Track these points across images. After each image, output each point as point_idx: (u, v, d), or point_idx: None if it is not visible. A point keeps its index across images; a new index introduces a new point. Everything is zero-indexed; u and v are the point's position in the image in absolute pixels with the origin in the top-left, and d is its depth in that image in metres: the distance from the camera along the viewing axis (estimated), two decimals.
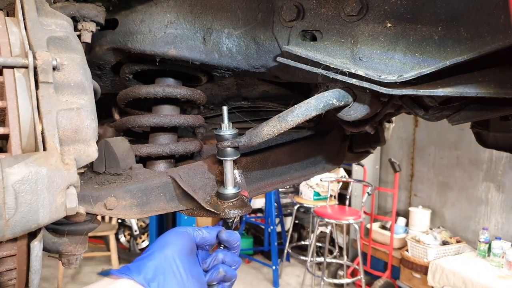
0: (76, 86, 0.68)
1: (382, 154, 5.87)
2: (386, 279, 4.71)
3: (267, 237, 6.11)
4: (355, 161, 3.19)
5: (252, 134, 0.85)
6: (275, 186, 1.27)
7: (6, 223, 0.54)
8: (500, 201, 4.37)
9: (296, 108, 0.82)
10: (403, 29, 0.77)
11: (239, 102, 1.37)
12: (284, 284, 5.46)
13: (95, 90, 0.76)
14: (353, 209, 5.19)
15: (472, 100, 0.97)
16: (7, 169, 0.54)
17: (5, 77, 0.61)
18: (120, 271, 0.76)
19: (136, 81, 1.14)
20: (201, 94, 1.10)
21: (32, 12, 0.69)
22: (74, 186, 0.61)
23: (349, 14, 0.81)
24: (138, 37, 0.98)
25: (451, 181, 4.89)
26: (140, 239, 6.15)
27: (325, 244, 5.00)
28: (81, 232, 0.92)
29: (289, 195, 6.52)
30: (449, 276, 3.94)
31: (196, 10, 0.99)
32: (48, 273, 5.27)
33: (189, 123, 1.08)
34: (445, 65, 0.70)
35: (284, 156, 1.32)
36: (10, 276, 0.65)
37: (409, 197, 5.46)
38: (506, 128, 1.38)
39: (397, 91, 0.77)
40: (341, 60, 0.84)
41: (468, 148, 4.64)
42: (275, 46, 0.96)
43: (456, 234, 4.72)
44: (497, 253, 3.97)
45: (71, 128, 0.65)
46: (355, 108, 0.89)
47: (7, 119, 0.61)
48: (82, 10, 0.88)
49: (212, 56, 1.01)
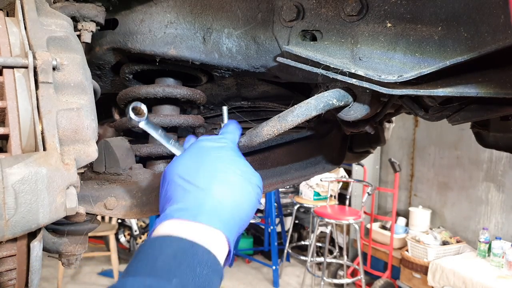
0: (76, 86, 0.68)
1: (382, 154, 5.87)
2: (386, 279, 4.71)
3: (267, 237, 6.11)
4: (355, 161, 3.20)
5: (252, 134, 0.85)
6: (275, 186, 1.27)
7: (6, 223, 0.54)
8: (500, 201, 4.37)
9: (296, 108, 0.82)
10: (403, 29, 0.77)
11: (239, 102, 1.37)
12: (284, 284, 5.46)
13: (95, 90, 0.76)
14: (353, 209, 5.19)
15: (472, 100, 0.97)
16: (7, 169, 0.54)
17: (5, 77, 0.61)
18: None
19: (136, 81, 1.14)
20: (201, 94, 1.10)
21: (32, 12, 0.69)
22: (74, 186, 0.61)
23: (349, 14, 0.81)
24: (138, 37, 0.98)
25: (451, 181, 4.89)
26: (140, 239, 6.14)
27: (325, 244, 5.00)
28: (81, 232, 0.92)
29: (289, 195, 6.52)
30: (449, 276, 3.94)
31: (196, 10, 0.99)
32: (48, 273, 5.27)
33: (189, 123, 1.08)
34: (445, 65, 0.70)
35: (284, 156, 1.32)
36: (10, 276, 0.65)
37: (409, 197, 5.46)
38: (506, 128, 1.38)
39: (397, 91, 0.77)
40: (341, 60, 0.84)
41: (468, 148, 4.64)
42: (275, 46, 0.96)
43: (456, 234, 4.72)
44: (497, 253, 3.97)
45: (71, 128, 0.65)
46: (355, 108, 0.89)
47: (7, 119, 0.61)
48: (82, 10, 0.88)
49: (212, 56, 1.01)
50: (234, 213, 0.65)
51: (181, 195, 0.65)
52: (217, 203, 0.64)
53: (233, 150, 0.73)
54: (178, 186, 0.67)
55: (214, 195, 0.64)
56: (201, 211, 0.62)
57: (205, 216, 0.62)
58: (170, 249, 0.56)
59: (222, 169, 0.68)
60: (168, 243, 0.58)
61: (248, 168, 0.71)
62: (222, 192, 0.65)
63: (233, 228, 0.65)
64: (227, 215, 0.64)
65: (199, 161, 0.69)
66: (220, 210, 0.64)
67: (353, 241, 5.47)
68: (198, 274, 0.55)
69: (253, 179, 0.70)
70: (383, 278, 4.74)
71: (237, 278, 5.63)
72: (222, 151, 0.71)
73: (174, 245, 0.57)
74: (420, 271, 4.38)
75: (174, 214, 0.62)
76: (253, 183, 0.70)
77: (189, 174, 0.67)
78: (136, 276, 0.53)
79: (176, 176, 0.68)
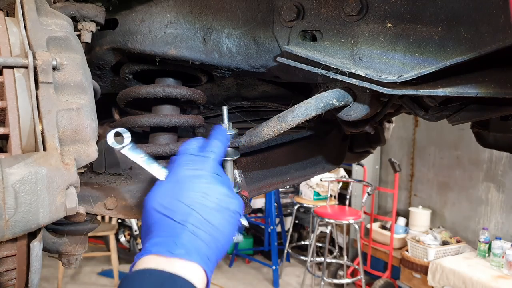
0: (76, 86, 0.68)
1: (382, 154, 5.87)
2: (386, 279, 4.71)
3: (267, 237, 6.11)
4: (355, 161, 3.20)
5: (252, 134, 0.85)
6: (275, 186, 1.27)
7: (6, 223, 0.54)
8: (500, 201, 4.37)
9: (296, 108, 0.82)
10: (403, 29, 0.77)
11: (239, 102, 1.37)
12: (284, 284, 5.46)
13: (95, 90, 0.76)
14: (353, 209, 5.19)
15: (472, 100, 0.97)
16: (7, 169, 0.54)
17: (5, 77, 0.61)
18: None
19: (136, 81, 1.14)
20: (201, 94, 1.10)
21: (32, 12, 0.69)
22: (74, 186, 0.61)
23: (349, 14, 0.81)
24: (138, 37, 0.98)
25: (451, 181, 4.89)
26: (140, 239, 6.14)
27: (325, 244, 5.00)
28: (81, 232, 0.92)
29: (289, 195, 6.52)
30: (449, 276, 3.94)
31: (196, 10, 0.99)
32: (48, 273, 5.27)
33: (189, 123, 1.08)
34: (445, 65, 0.70)
35: (284, 156, 1.32)
36: (10, 276, 0.65)
37: (409, 197, 5.46)
38: (506, 128, 1.38)
39: (397, 91, 0.77)
40: (341, 60, 0.84)
41: (468, 148, 4.64)
42: (275, 46, 0.96)
43: (456, 234, 4.72)
44: (497, 253, 3.97)
45: (71, 128, 0.65)
46: (355, 108, 0.89)
47: (7, 119, 0.61)
48: (82, 10, 0.88)
49: (212, 56, 1.01)
50: (211, 244, 0.67)
51: (158, 229, 0.67)
52: (194, 237, 0.66)
53: (211, 177, 0.73)
54: (156, 219, 0.68)
55: (190, 228, 0.66)
56: (178, 245, 0.64)
57: (182, 250, 0.63)
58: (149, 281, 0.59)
59: (199, 200, 0.69)
60: (147, 276, 0.60)
61: (226, 195, 0.72)
62: (199, 225, 0.67)
63: (211, 257, 0.67)
64: (204, 247, 0.66)
65: (176, 192, 0.70)
66: (197, 242, 0.65)
67: (353, 241, 5.47)
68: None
69: (231, 206, 0.71)
70: (383, 278, 4.74)
71: (237, 278, 5.63)
72: (200, 178, 0.71)
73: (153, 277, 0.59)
74: (420, 271, 4.38)
75: (152, 249, 0.64)
76: (231, 210, 0.71)
77: (166, 207, 0.68)
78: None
79: (153, 208, 0.69)
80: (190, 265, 0.63)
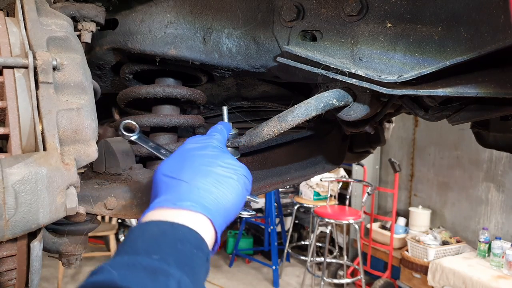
0: (76, 86, 0.68)
1: (382, 154, 5.87)
2: (386, 279, 4.71)
3: (267, 237, 6.11)
4: (355, 161, 3.20)
5: (252, 134, 0.85)
6: (275, 186, 1.27)
7: (6, 223, 0.54)
8: (500, 201, 4.37)
9: (296, 108, 0.82)
10: (403, 29, 0.77)
11: (239, 102, 1.37)
12: (284, 284, 5.46)
13: (95, 90, 0.76)
14: (353, 209, 5.19)
15: (472, 100, 0.97)
16: (7, 169, 0.54)
17: (5, 77, 0.61)
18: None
19: (136, 81, 1.14)
20: (201, 94, 1.10)
21: (32, 12, 0.69)
22: (74, 186, 0.61)
23: (349, 14, 0.81)
24: (138, 37, 0.98)
25: (451, 181, 4.89)
26: None
27: (325, 244, 5.00)
28: (81, 232, 0.92)
29: (289, 195, 6.52)
30: (449, 276, 3.94)
31: (196, 10, 0.99)
32: (48, 273, 5.27)
33: (189, 123, 1.08)
34: (445, 65, 0.70)
35: (284, 156, 1.32)
36: (10, 276, 0.65)
37: (409, 197, 5.46)
38: (506, 128, 1.38)
39: (397, 91, 0.77)
40: (341, 60, 0.84)
41: (468, 148, 4.64)
42: (275, 46, 0.96)
43: (456, 234, 4.72)
44: (497, 253, 3.97)
45: (71, 128, 0.65)
46: (355, 108, 0.89)
47: (7, 119, 0.61)
48: (82, 10, 0.88)
49: (212, 56, 1.01)
50: (219, 201, 0.65)
51: (164, 189, 0.67)
52: (201, 191, 0.65)
53: (216, 147, 0.74)
54: (163, 182, 0.68)
55: (197, 185, 0.65)
56: (183, 198, 0.63)
57: (187, 202, 0.62)
58: (151, 230, 0.57)
59: (205, 163, 0.69)
60: (149, 226, 0.58)
61: (233, 161, 0.72)
62: (206, 182, 0.66)
63: (217, 213, 0.64)
64: (211, 201, 0.64)
65: (182, 160, 0.70)
66: (204, 197, 0.64)
67: (353, 241, 5.47)
68: (179, 249, 0.55)
69: (239, 170, 0.71)
70: (383, 278, 4.74)
71: (237, 278, 5.63)
72: (205, 149, 0.73)
73: (154, 227, 0.58)
74: (420, 271, 4.38)
75: (156, 205, 0.63)
76: (239, 173, 0.70)
77: (173, 171, 0.68)
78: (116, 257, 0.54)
79: (161, 174, 0.69)
80: (195, 215, 0.61)
